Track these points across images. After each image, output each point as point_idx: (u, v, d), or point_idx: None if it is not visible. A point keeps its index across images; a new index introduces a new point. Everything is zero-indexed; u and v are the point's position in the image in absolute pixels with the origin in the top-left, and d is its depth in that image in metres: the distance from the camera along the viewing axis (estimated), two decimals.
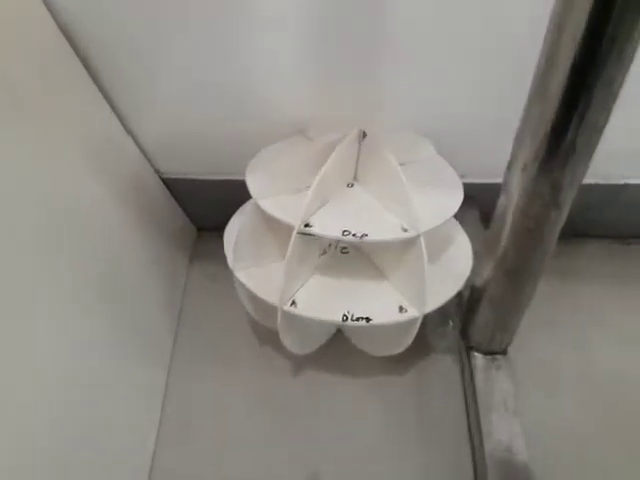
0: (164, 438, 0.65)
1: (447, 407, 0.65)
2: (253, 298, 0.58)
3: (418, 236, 0.50)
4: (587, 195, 0.74)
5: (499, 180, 0.75)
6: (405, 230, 0.51)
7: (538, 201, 0.42)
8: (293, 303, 0.54)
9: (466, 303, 0.60)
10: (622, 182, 0.73)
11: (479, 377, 0.59)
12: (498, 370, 0.60)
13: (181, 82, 0.61)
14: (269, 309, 0.55)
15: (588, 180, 0.72)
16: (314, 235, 0.50)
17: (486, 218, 0.78)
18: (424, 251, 0.51)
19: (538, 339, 0.68)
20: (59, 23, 0.53)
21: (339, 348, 0.69)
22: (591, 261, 0.77)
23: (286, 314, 0.54)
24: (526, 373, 0.62)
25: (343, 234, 0.49)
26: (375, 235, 0.50)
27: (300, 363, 0.70)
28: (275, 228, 0.56)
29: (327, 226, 0.50)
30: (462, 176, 0.60)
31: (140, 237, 0.69)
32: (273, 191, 0.54)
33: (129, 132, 0.68)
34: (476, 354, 0.61)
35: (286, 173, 0.54)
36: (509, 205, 0.45)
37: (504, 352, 0.61)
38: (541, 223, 0.44)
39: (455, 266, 0.59)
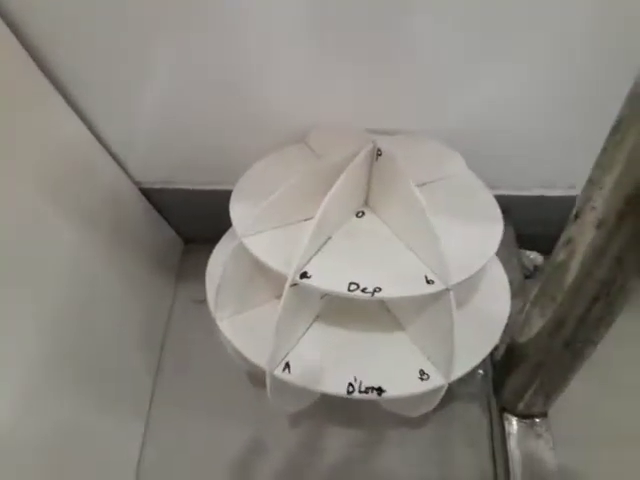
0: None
1: (472, 467, 0.55)
2: (240, 355, 0.47)
3: (446, 290, 0.39)
4: None
5: (535, 192, 0.64)
6: (430, 282, 0.39)
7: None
8: (286, 367, 0.43)
9: (502, 358, 0.49)
10: None
11: (514, 447, 0.49)
12: (538, 439, 0.49)
13: (161, 83, 0.50)
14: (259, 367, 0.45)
15: None
16: (312, 287, 0.39)
17: (521, 237, 0.67)
18: (453, 308, 0.40)
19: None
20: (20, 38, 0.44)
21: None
22: None
23: (277, 380, 0.43)
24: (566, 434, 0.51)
25: (349, 289, 0.38)
26: (391, 289, 0.38)
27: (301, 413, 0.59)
28: (264, 271, 0.45)
29: (329, 277, 0.39)
30: (492, 187, 0.48)
31: (117, 257, 0.59)
32: (263, 225, 0.43)
33: (100, 140, 0.57)
34: (510, 417, 0.50)
35: (280, 200, 0.42)
36: (571, 259, 0.34)
37: (544, 415, 0.50)
38: (608, 287, 0.32)
39: (489, 311, 0.48)
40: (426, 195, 0.40)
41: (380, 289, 0.38)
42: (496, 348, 0.53)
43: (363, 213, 0.46)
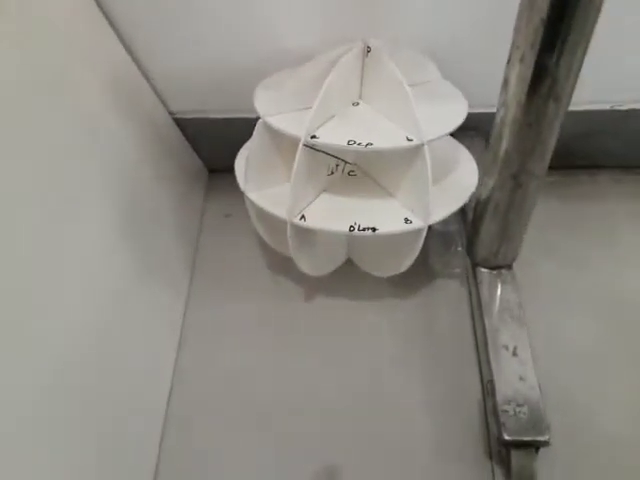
0: (182, 366, 0.68)
1: (453, 325, 0.67)
2: (264, 218, 0.60)
3: (422, 145, 0.52)
4: (593, 122, 0.74)
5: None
6: (410, 140, 0.52)
7: (537, 92, 0.43)
8: (302, 217, 0.56)
9: (471, 220, 0.61)
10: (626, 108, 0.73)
11: (484, 290, 0.61)
12: (504, 283, 0.61)
13: (190, 18, 0.63)
14: (280, 229, 0.57)
15: (594, 106, 0.73)
16: (320, 146, 0.52)
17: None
18: (428, 161, 0.52)
19: (543, 258, 0.69)
20: None
21: (348, 277, 0.71)
22: (598, 187, 0.78)
23: (295, 228, 0.56)
24: (530, 289, 0.63)
25: (348, 143, 0.51)
26: (380, 144, 0.51)
27: (312, 289, 0.72)
28: (283, 148, 0.58)
29: (332, 137, 0.52)
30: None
31: (156, 174, 0.71)
32: (280, 109, 0.55)
33: (143, 71, 0.70)
34: (482, 269, 0.62)
35: (292, 92, 0.55)
36: (508, 103, 0.46)
37: (509, 267, 0.62)
38: (540, 117, 0.45)
39: (460, 183, 0.60)
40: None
41: (371, 144, 0.51)
42: (467, 219, 0.65)
43: (358, 103, 0.59)
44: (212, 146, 0.83)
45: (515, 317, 0.58)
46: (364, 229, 0.54)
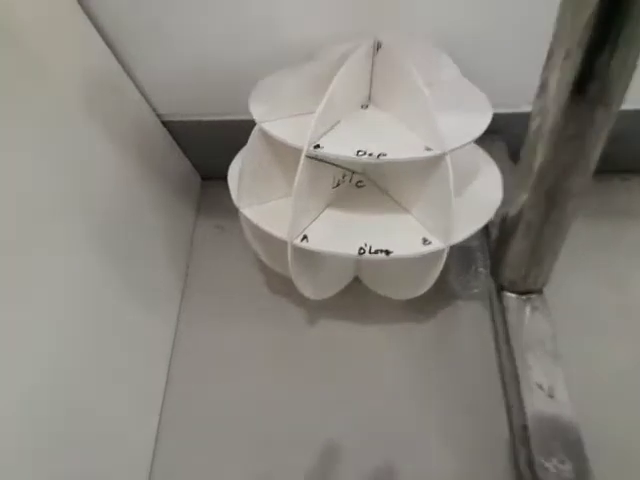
0: (170, 395, 0.61)
1: (475, 354, 0.60)
2: (261, 236, 0.53)
3: (443, 155, 0.44)
4: (634, 123, 0.67)
5: (525, 109, 0.69)
6: (429, 149, 0.45)
7: (583, 97, 0.36)
8: (304, 238, 0.48)
9: (497, 238, 0.54)
10: None
11: (512, 318, 0.54)
12: (534, 310, 0.54)
13: (181, 15, 0.56)
14: (279, 249, 0.50)
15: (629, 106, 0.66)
16: (324, 157, 0.44)
17: (514, 153, 0.72)
18: (450, 173, 0.45)
19: (575, 279, 0.61)
20: None
21: (356, 297, 0.64)
22: (634, 196, 0.70)
23: (297, 250, 0.49)
24: (562, 315, 0.55)
25: (358, 154, 0.44)
26: (394, 154, 0.44)
27: (315, 313, 0.65)
28: (282, 158, 0.51)
29: (339, 146, 0.44)
30: None
31: (143, 183, 0.64)
32: (279, 113, 0.48)
33: (126, 69, 0.63)
34: (508, 294, 0.55)
35: (293, 94, 0.48)
36: (547, 109, 0.39)
37: (539, 292, 0.55)
38: (586, 126, 0.38)
39: (484, 197, 0.53)
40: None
41: (385, 154, 0.44)
42: (490, 238, 0.58)
43: (367, 106, 0.51)
44: (205, 151, 0.76)
45: (549, 351, 0.51)
46: (376, 252, 0.47)
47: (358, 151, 0.44)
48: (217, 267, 0.70)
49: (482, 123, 0.48)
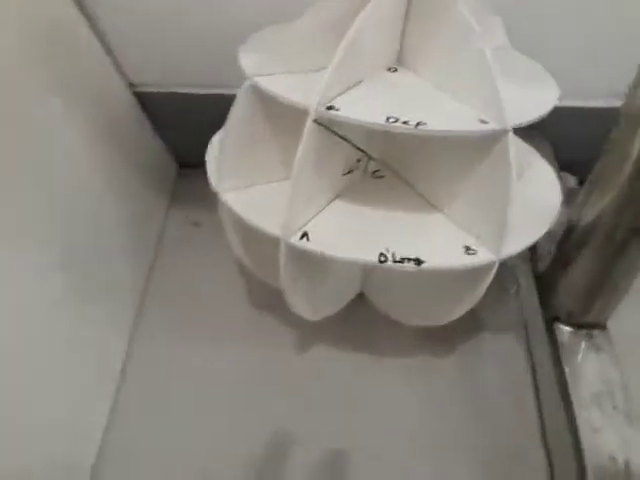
0: (114, 429, 0.47)
1: (508, 402, 0.47)
2: (245, 232, 0.40)
3: (505, 132, 0.32)
4: None
5: (571, 103, 0.58)
6: (484, 122, 0.32)
7: None
8: (304, 236, 0.35)
9: (554, 255, 0.42)
10: None
11: (569, 360, 0.41)
12: (599, 351, 0.41)
13: None
14: (269, 250, 0.37)
15: None
16: (341, 122, 0.32)
17: (558, 153, 0.60)
18: (512, 156, 0.32)
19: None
20: None
21: (360, 318, 0.51)
22: None
23: (293, 251, 0.35)
24: (630, 356, 0.43)
25: (388, 120, 0.31)
26: (439, 123, 0.31)
27: (310, 337, 0.51)
28: (280, 125, 0.38)
29: (362, 109, 0.32)
30: None
31: (107, 167, 0.52)
32: (278, 67, 0.35)
33: (92, 21, 0.50)
34: (563, 327, 0.42)
35: (298, 45, 0.35)
36: None
37: (603, 326, 0.42)
38: None
39: (539, 200, 0.41)
40: None
41: (425, 123, 0.31)
42: (540, 259, 0.46)
43: (396, 69, 0.39)
44: (184, 132, 0.63)
45: (620, 408, 0.38)
46: (402, 260, 0.34)
47: (388, 117, 0.31)
48: (188, 271, 0.57)
49: (550, 97, 0.36)
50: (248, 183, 0.40)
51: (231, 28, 0.50)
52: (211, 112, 0.54)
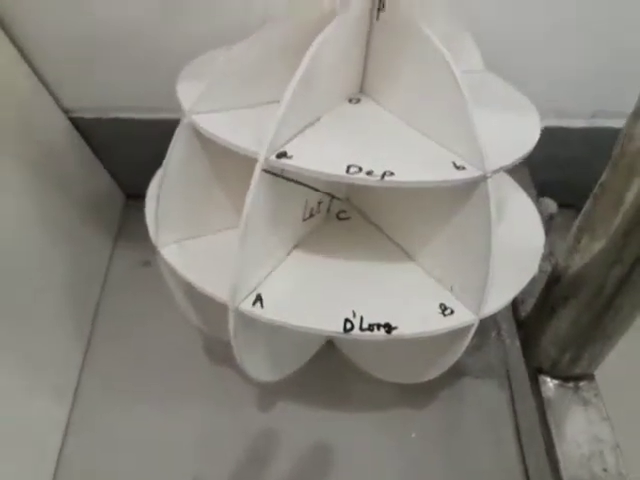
0: None
1: (491, 460, 0.43)
2: (189, 291, 0.34)
3: (484, 178, 0.28)
4: None
5: (551, 123, 0.54)
6: (460, 168, 0.28)
7: None
8: (257, 300, 0.30)
9: (537, 302, 0.38)
10: None
11: (555, 417, 0.37)
12: (587, 405, 0.37)
13: None
14: (217, 309, 0.32)
15: None
16: (293, 173, 0.27)
17: (535, 176, 0.57)
18: (492, 205, 0.28)
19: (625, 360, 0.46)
20: None
21: (328, 366, 0.46)
22: None
23: (245, 318, 0.30)
24: (617, 409, 0.39)
25: (349, 171, 0.26)
26: (408, 173, 0.27)
27: (270, 390, 0.46)
28: (225, 169, 0.33)
29: (318, 157, 0.27)
30: None
31: (44, 206, 0.46)
32: (220, 102, 0.30)
33: (22, 52, 0.44)
34: (549, 380, 0.39)
35: (244, 74, 0.30)
36: None
37: (590, 377, 0.39)
38: None
39: (521, 242, 0.37)
40: None
41: (392, 173, 0.26)
42: (522, 301, 0.42)
43: (359, 100, 0.34)
44: (130, 159, 0.57)
45: (612, 470, 0.34)
46: (371, 327, 0.29)
47: (349, 166, 0.27)
48: (135, 318, 0.51)
49: (532, 131, 0.32)
50: (191, 234, 0.34)
51: (176, 49, 0.45)
52: (158, 138, 0.49)
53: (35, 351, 0.42)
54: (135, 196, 0.61)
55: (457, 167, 0.28)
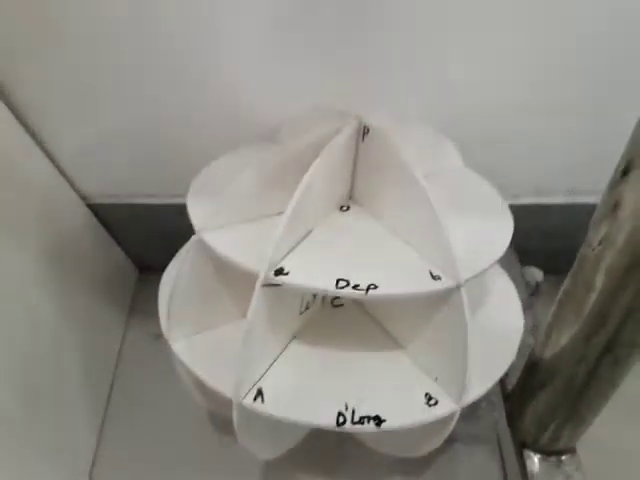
0: None
1: None
2: (196, 379, 0.38)
3: (457, 288, 0.31)
4: None
5: (531, 200, 0.58)
6: (436, 278, 0.32)
7: None
8: (259, 394, 0.34)
9: (518, 383, 0.41)
10: None
11: None
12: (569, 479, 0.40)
13: (105, 69, 0.43)
14: (224, 398, 0.35)
15: None
16: (289, 286, 0.31)
17: (519, 246, 0.60)
18: (466, 311, 0.32)
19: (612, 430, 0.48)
20: None
21: (327, 441, 0.49)
22: None
23: (246, 411, 0.34)
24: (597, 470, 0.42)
25: (338, 285, 0.30)
26: (390, 286, 0.31)
27: (277, 462, 0.49)
28: (230, 274, 0.37)
29: (311, 273, 0.31)
30: None
31: (62, 288, 0.50)
32: (226, 219, 0.34)
33: (41, 146, 0.49)
34: (532, 455, 0.41)
35: (246, 192, 0.35)
36: (614, 238, 0.27)
37: (572, 451, 0.42)
38: None
39: (500, 326, 0.40)
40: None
41: (376, 286, 0.30)
42: (507, 374, 0.45)
43: (348, 208, 0.39)
44: (143, 239, 0.62)
45: None
46: (361, 420, 0.33)
47: (338, 280, 0.30)
48: (148, 391, 0.54)
49: (503, 234, 0.36)
50: (199, 329, 0.38)
51: (191, 144, 0.50)
52: (170, 217, 0.54)
53: (52, 436, 0.45)
54: (147, 268, 0.66)
55: (434, 277, 0.32)
